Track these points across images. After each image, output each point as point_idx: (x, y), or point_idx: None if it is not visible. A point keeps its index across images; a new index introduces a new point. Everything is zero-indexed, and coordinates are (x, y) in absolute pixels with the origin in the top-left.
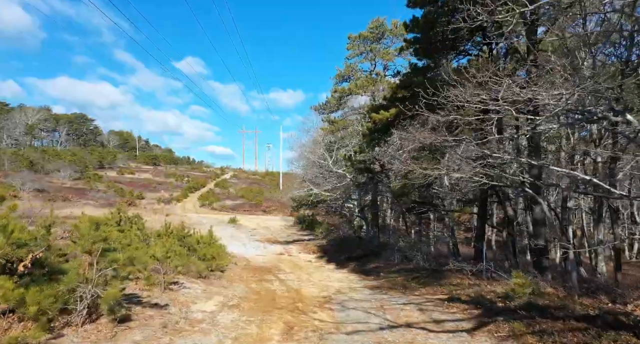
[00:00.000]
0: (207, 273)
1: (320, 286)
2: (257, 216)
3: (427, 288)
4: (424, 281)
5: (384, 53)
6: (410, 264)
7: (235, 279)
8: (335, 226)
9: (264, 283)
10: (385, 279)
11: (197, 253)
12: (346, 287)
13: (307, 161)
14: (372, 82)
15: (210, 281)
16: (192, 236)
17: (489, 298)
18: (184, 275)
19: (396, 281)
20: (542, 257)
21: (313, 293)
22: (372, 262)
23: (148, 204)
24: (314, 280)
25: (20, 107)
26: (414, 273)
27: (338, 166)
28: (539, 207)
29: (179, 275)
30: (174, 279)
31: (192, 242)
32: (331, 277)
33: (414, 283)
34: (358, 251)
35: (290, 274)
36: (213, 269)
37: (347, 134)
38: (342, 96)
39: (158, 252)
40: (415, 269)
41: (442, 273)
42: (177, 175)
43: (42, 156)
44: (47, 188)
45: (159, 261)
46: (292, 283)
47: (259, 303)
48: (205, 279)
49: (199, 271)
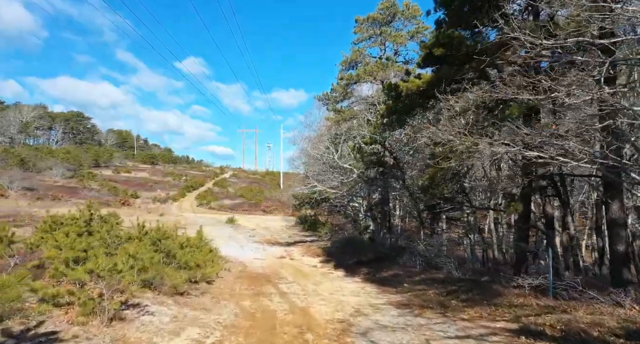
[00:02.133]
0: (186, 287)
1: (333, 302)
2: (256, 215)
3: (476, 308)
4: (465, 297)
5: (396, 36)
6: (437, 273)
7: (225, 294)
8: (339, 226)
9: (261, 299)
10: (411, 293)
11: (178, 260)
12: (365, 303)
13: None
14: (382, 68)
15: (188, 300)
16: (170, 239)
17: (597, 336)
18: (154, 291)
19: (427, 296)
20: (622, 267)
21: (325, 314)
22: (387, 268)
23: (143, 204)
24: (323, 293)
25: (15, 105)
26: (447, 285)
27: (344, 161)
28: (617, 203)
29: (145, 293)
30: (134, 299)
31: (170, 246)
32: (343, 288)
33: (454, 299)
34: (368, 255)
35: (294, 285)
36: (198, 279)
37: (354, 126)
38: (348, 83)
39: (102, 264)
40: (447, 280)
41: (487, 287)
42: (175, 174)
43: (35, 154)
44: (37, 187)
45: (100, 277)
46: (297, 297)
47: (253, 337)
48: (183, 296)
49: (174, 285)
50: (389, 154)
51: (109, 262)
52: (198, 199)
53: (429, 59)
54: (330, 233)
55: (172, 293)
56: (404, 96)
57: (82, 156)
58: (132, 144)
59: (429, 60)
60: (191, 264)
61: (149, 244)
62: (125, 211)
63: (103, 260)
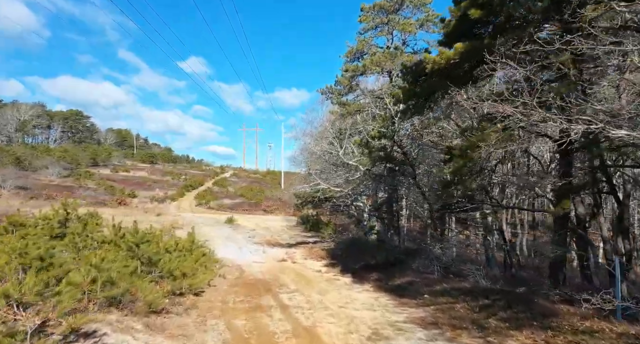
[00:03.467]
0: (166, 303)
1: (343, 318)
2: (256, 215)
3: (525, 331)
4: (505, 315)
5: (404, 24)
6: (460, 281)
7: (215, 308)
8: (342, 226)
9: (258, 315)
10: (435, 307)
11: (161, 268)
12: (383, 321)
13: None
14: (391, 57)
15: (166, 321)
16: (153, 243)
17: None
18: (121, 311)
19: (456, 311)
20: None
21: (336, 338)
22: (400, 274)
23: (140, 203)
24: (331, 306)
25: (13, 104)
26: (477, 298)
27: (348, 158)
28: None
29: (109, 313)
30: (90, 325)
31: (150, 251)
32: (354, 299)
33: (491, 317)
34: (377, 258)
35: (297, 295)
36: (184, 291)
37: (358, 121)
38: (354, 75)
39: (29, 283)
40: (475, 290)
41: (530, 302)
42: (174, 173)
43: (31, 153)
44: (31, 186)
45: (22, 304)
46: (301, 312)
47: None
48: (160, 315)
49: (149, 301)
50: (398, 149)
51: (39, 280)
52: (197, 199)
53: (464, 22)
54: (334, 234)
55: (146, 311)
56: (429, 74)
57: (80, 155)
58: (132, 143)
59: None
60: (176, 273)
61: (125, 250)
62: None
63: (32, 278)
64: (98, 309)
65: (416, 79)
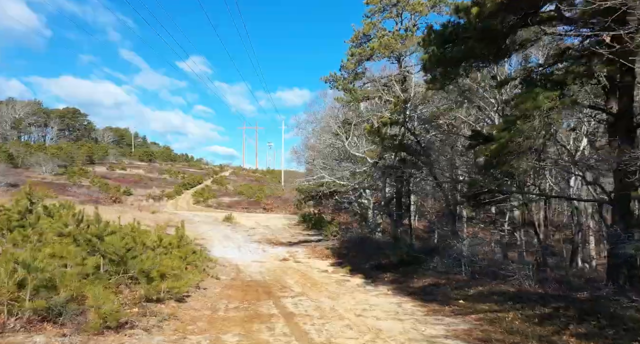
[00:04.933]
0: (129, 315)
1: (366, 333)
2: (256, 214)
3: None
4: (583, 330)
5: (415, 4)
6: (497, 283)
7: (201, 319)
8: (345, 224)
9: (255, 328)
10: (476, 315)
11: (135, 267)
12: (418, 336)
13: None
14: (400, 40)
15: (122, 342)
16: (115, 235)
17: None
18: (60, 328)
19: (509, 322)
20: None
21: None
22: (419, 275)
23: (135, 201)
24: (346, 315)
25: (8, 101)
26: (531, 305)
27: (355, 149)
28: None
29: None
30: None
31: (117, 246)
32: (372, 305)
33: (562, 332)
34: (389, 257)
35: (303, 299)
36: (161, 297)
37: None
38: (361, 59)
39: None
40: (524, 296)
41: (606, 313)
42: (172, 171)
43: (26, 150)
44: (23, 183)
45: None
46: (311, 323)
47: None
48: (118, 332)
49: (102, 313)
50: (412, 137)
51: None
52: (195, 197)
53: None
54: (338, 232)
55: (97, 327)
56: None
57: (75, 152)
58: (130, 141)
59: None
60: (153, 273)
61: (84, 243)
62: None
63: None
64: (22, 326)
65: (447, 39)
